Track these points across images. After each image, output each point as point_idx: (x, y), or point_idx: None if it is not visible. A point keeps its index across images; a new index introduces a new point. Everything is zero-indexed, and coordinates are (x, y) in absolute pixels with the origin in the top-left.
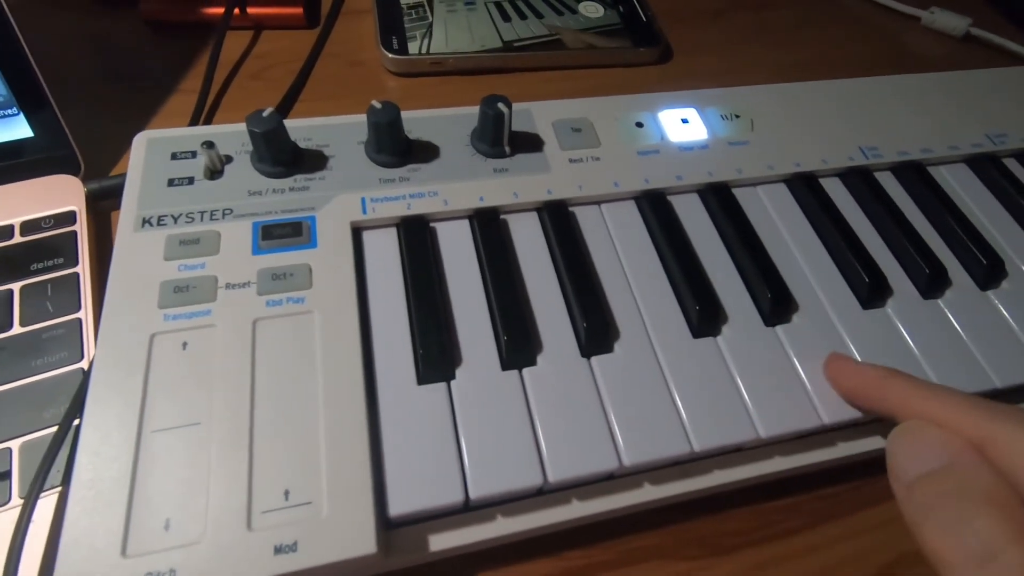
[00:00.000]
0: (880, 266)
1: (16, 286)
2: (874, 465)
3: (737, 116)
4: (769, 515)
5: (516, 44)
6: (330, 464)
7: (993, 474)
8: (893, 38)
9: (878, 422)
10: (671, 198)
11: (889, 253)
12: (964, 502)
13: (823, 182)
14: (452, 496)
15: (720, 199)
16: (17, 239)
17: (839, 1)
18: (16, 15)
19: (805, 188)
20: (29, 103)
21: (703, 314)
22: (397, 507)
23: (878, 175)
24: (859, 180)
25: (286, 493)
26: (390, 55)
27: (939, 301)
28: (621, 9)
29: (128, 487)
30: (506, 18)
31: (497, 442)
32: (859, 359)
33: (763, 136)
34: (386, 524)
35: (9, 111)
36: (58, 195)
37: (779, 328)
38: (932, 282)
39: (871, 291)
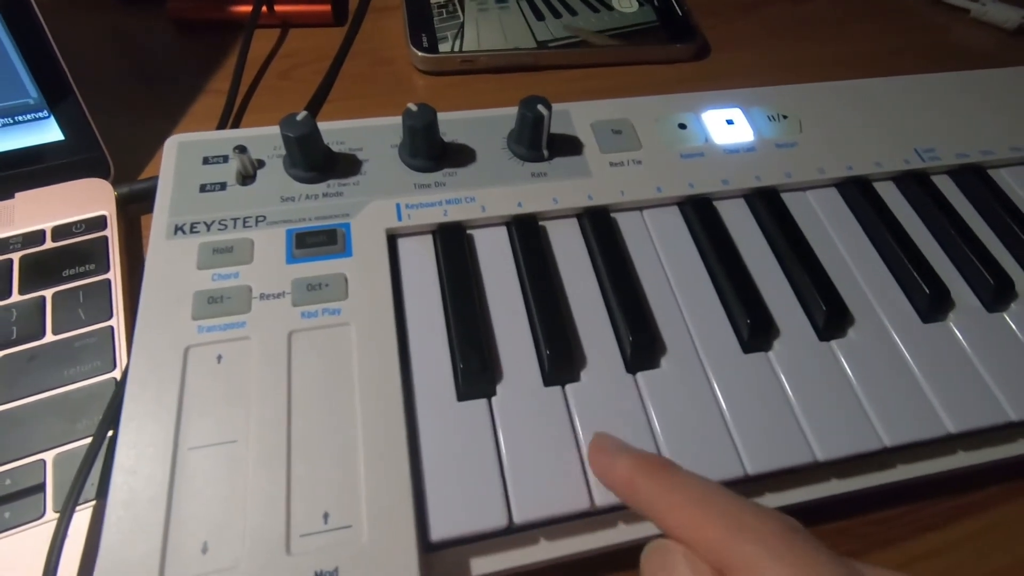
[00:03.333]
0: (941, 277)
1: (48, 293)
2: (929, 488)
3: (784, 116)
4: (823, 538)
5: (551, 44)
6: (370, 486)
7: None
8: (940, 31)
9: (940, 443)
10: (717, 204)
11: (949, 263)
12: None
13: (877, 186)
14: (495, 520)
15: (768, 205)
16: (49, 244)
17: None
18: (45, 16)
19: (858, 193)
20: (59, 105)
21: (755, 328)
22: (439, 532)
23: (935, 179)
24: (915, 184)
25: (325, 516)
26: (420, 53)
27: (1004, 314)
28: (656, 4)
29: (165, 508)
30: (540, 16)
31: (540, 463)
32: (918, 376)
33: (812, 138)
34: (426, 547)
35: (39, 114)
36: (88, 199)
37: (834, 343)
38: (998, 294)
39: (932, 304)
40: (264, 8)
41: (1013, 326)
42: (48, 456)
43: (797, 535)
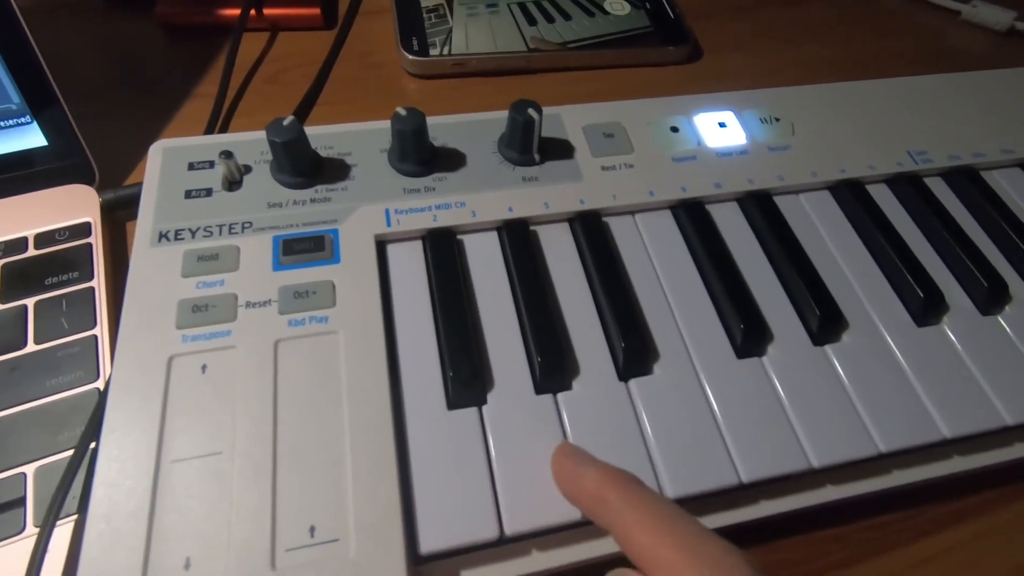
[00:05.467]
0: (935, 280)
1: (31, 301)
2: (925, 493)
3: (777, 119)
4: (821, 545)
5: (542, 49)
6: (357, 498)
7: None
8: (932, 33)
9: (934, 447)
10: (710, 207)
11: (943, 265)
12: None
13: (870, 189)
14: (486, 532)
15: (761, 208)
16: (31, 252)
17: None
18: (27, 20)
19: (851, 196)
20: (42, 111)
21: (748, 333)
22: (428, 544)
23: (928, 181)
24: (908, 187)
25: (311, 529)
26: (410, 56)
27: (999, 317)
28: (648, 6)
29: (146, 522)
30: (531, 21)
31: (532, 473)
32: (913, 381)
33: (805, 141)
34: (416, 559)
35: (22, 119)
36: (72, 205)
37: (828, 348)
38: (991, 296)
39: (926, 307)
40: (253, 11)
41: (1008, 329)
42: (29, 469)
43: (758, 574)
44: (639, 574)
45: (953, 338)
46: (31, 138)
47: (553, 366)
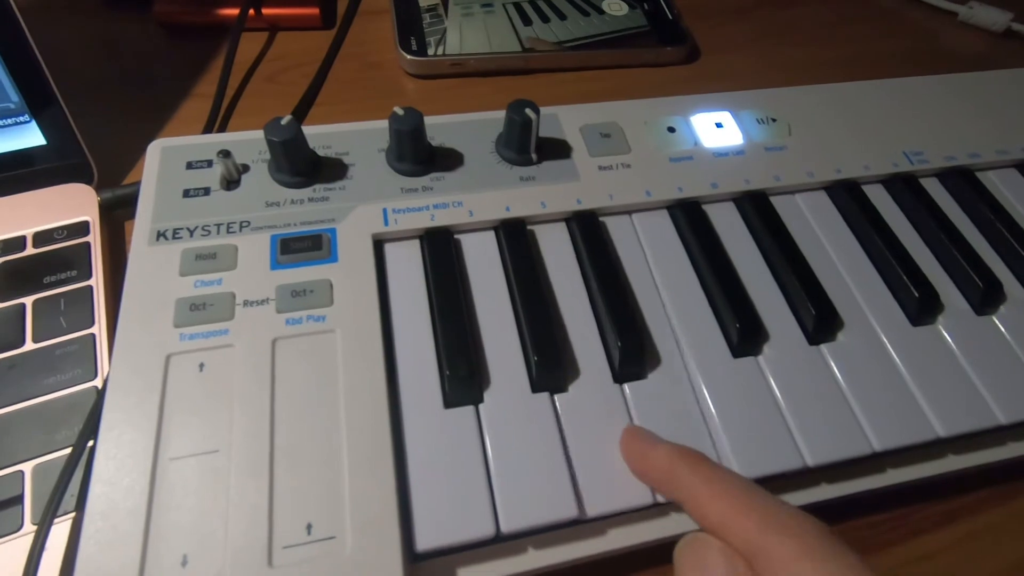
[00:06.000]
0: (930, 280)
1: (29, 300)
2: (920, 492)
3: (774, 120)
4: None
5: (538, 49)
6: (354, 495)
7: None
8: (929, 34)
9: (929, 446)
10: (706, 207)
11: (938, 265)
12: None
13: (866, 189)
14: (482, 530)
15: (758, 208)
16: (30, 251)
17: None
18: (26, 19)
19: (847, 196)
20: (41, 110)
21: (744, 332)
22: (424, 542)
23: (924, 181)
24: (904, 187)
25: (308, 527)
26: (408, 56)
27: (994, 317)
28: (646, 7)
29: (144, 519)
30: (527, 21)
31: (529, 471)
32: (907, 380)
33: (802, 141)
34: (412, 557)
35: (21, 118)
36: (71, 205)
37: (824, 347)
38: (986, 296)
39: (921, 307)
40: (252, 11)
41: (1002, 329)
42: (27, 467)
43: (831, 537)
44: (714, 537)
45: (948, 338)
46: (30, 137)
47: (549, 364)
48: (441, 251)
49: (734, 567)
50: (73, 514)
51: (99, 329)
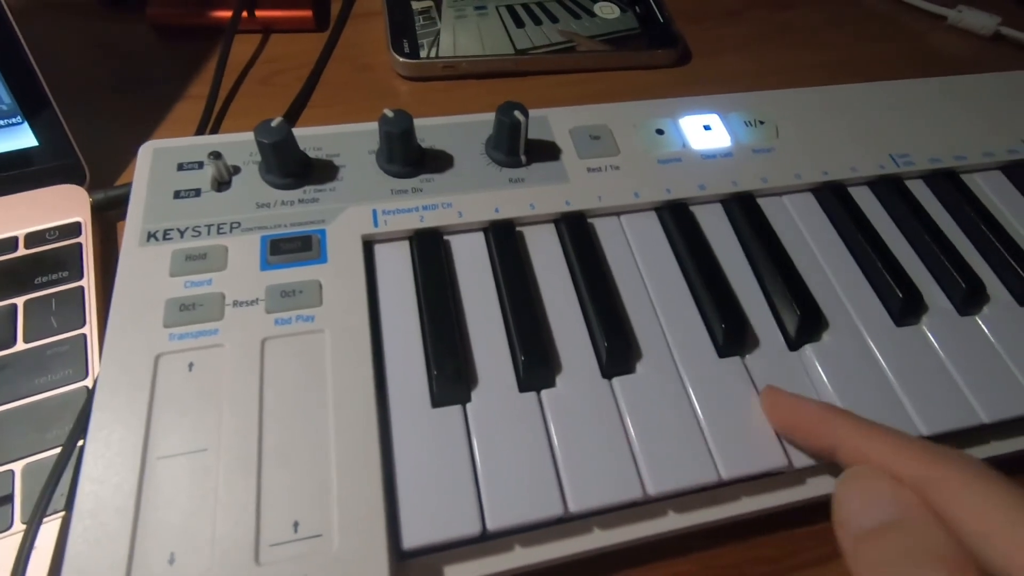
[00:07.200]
0: (914, 281)
1: (20, 300)
2: None
3: (761, 122)
4: (800, 542)
5: (531, 51)
6: (341, 494)
7: (945, 533)
8: (918, 38)
9: None
10: (694, 209)
11: (923, 267)
12: (917, 564)
13: (852, 191)
14: (469, 528)
15: (745, 210)
16: (21, 251)
17: (860, 0)
18: (19, 20)
19: (833, 198)
20: (33, 111)
21: (729, 333)
22: (411, 540)
23: (909, 183)
24: (890, 189)
25: (295, 525)
26: (401, 59)
27: (976, 318)
28: (637, 10)
29: (132, 518)
30: (519, 24)
31: (515, 470)
32: (891, 379)
33: (789, 143)
34: (399, 555)
35: (13, 120)
36: (63, 206)
37: (808, 347)
38: (969, 298)
39: (905, 307)
40: (245, 13)
41: (985, 329)
42: (17, 467)
43: (993, 468)
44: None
45: (931, 338)
46: (22, 138)
47: (536, 364)
48: (430, 252)
49: (902, 494)
50: (62, 513)
51: (90, 329)
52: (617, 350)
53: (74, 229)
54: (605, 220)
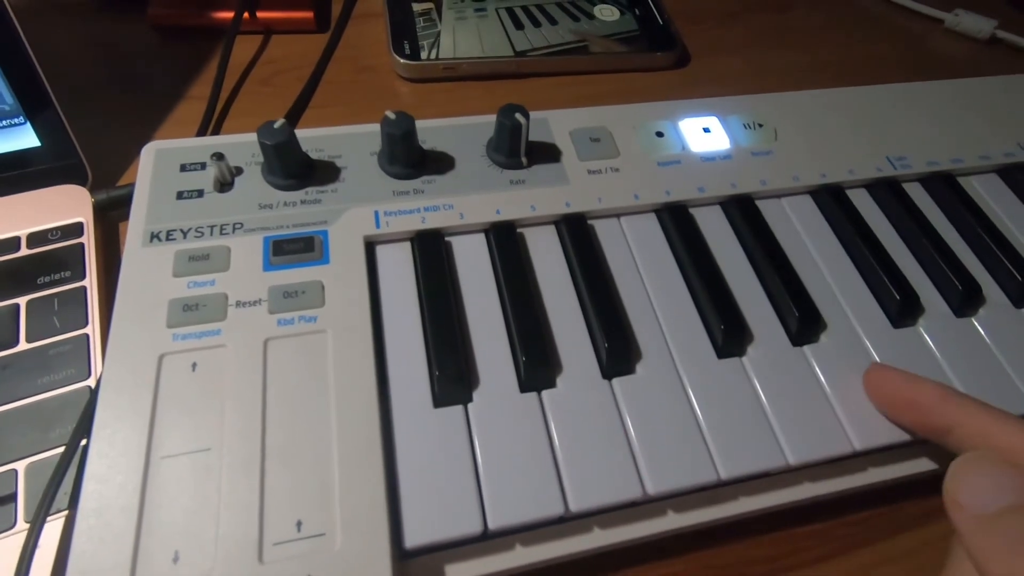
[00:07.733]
0: (911, 283)
1: (23, 300)
2: (904, 490)
3: (760, 125)
4: (798, 541)
5: (530, 52)
6: (344, 493)
7: None
8: (916, 41)
9: (908, 447)
10: (693, 211)
11: (920, 269)
12: None
13: (850, 194)
14: (470, 527)
15: (744, 212)
16: (24, 251)
17: (858, 3)
18: (21, 20)
19: (831, 200)
20: (35, 111)
21: (728, 334)
22: (413, 539)
23: (907, 186)
24: (887, 192)
25: (298, 524)
26: (402, 60)
27: (973, 319)
28: (637, 12)
29: (136, 517)
30: (519, 26)
31: (516, 469)
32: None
33: (787, 146)
34: (401, 554)
35: (15, 120)
36: (65, 206)
37: (807, 348)
38: (965, 299)
39: (902, 309)
40: (246, 14)
41: (981, 331)
42: (20, 466)
43: None
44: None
45: (928, 339)
46: (24, 139)
47: (537, 364)
48: (432, 253)
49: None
50: (66, 512)
51: (92, 329)
52: (617, 351)
53: (76, 229)
54: (605, 222)
